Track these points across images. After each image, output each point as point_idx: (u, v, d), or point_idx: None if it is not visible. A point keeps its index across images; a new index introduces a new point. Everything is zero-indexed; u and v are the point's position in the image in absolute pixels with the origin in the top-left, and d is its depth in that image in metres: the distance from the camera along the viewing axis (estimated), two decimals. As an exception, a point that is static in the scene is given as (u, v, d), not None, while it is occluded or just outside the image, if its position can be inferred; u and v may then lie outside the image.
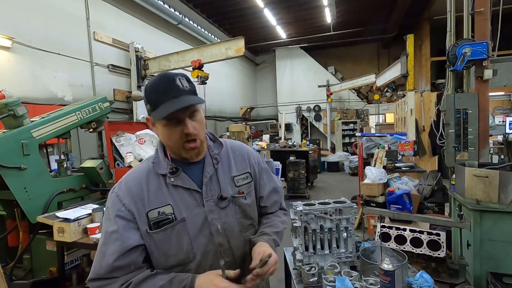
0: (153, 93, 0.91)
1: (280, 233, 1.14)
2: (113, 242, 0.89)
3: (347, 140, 11.84)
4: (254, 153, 1.20)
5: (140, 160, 2.89)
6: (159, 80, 0.92)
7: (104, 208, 1.01)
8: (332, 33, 10.42)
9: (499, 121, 6.43)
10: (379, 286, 1.36)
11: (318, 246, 1.71)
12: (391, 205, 3.30)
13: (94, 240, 2.04)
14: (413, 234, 2.38)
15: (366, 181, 3.97)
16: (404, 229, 2.43)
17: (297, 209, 1.67)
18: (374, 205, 3.80)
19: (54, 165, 3.31)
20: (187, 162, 1.01)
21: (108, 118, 3.36)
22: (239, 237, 1.03)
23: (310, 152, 7.83)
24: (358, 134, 8.43)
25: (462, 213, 2.12)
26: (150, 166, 0.99)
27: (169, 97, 0.88)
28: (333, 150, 12.21)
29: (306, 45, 12.67)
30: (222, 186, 1.02)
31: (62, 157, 2.96)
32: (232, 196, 1.03)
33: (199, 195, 0.98)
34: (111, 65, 5.83)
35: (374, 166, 4.43)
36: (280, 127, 11.85)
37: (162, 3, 6.81)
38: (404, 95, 7.64)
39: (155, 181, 0.97)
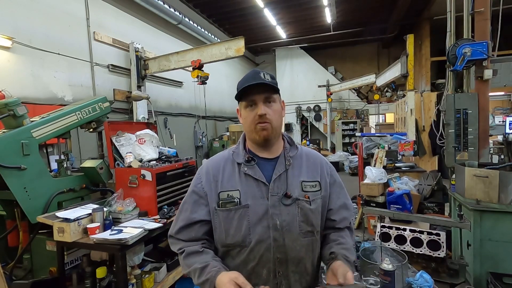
0: (241, 81, 1.07)
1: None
2: (184, 211, 1.12)
3: (347, 140, 11.85)
4: (328, 165, 1.20)
5: (140, 160, 2.89)
6: (248, 73, 1.08)
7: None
8: (332, 33, 10.41)
9: (499, 121, 6.43)
10: (379, 286, 1.36)
11: (318, 246, 1.71)
12: (391, 205, 3.30)
13: (94, 240, 2.04)
14: (413, 234, 2.38)
15: (366, 181, 3.97)
16: (404, 229, 2.43)
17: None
18: (374, 205, 3.80)
19: (54, 165, 3.30)
20: (262, 158, 1.10)
21: (108, 118, 3.35)
22: (296, 239, 1.04)
23: (310, 152, 7.83)
24: (358, 134, 8.44)
25: (462, 213, 2.13)
26: (230, 154, 1.14)
27: (250, 82, 1.01)
28: (333, 150, 12.21)
29: (306, 45, 12.66)
30: (289, 186, 1.06)
31: (62, 157, 2.95)
32: (297, 198, 1.05)
33: (266, 189, 1.04)
34: (111, 65, 5.83)
35: (374, 166, 4.43)
36: (280, 127, 11.83)
37: (162, 3, 6.80)
38: (404, 95, 7.64)
39: (231, 167, 1.10)
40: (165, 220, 2.43)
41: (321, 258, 1.14)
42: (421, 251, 2.29)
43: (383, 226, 2.49)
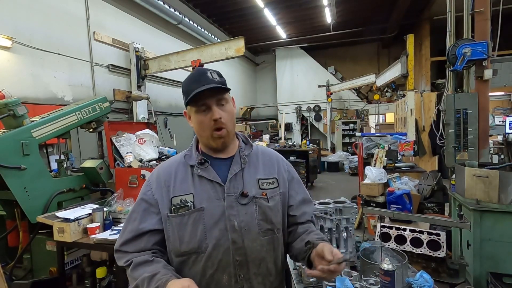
0: (187, 84, 1.01)
1: None
2: (132, 221, 1.02)
3: (347, 140, 11.85)
4: (284, 162, 1.19)
5: (140, 160, 2.89)
6: (193, 74, 1.03)
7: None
8: (332, 33, 10.42)
9: (499, 121, 6.43)
10: (379, 286, 1.36)
11: (318, 246, 1.71)
12: (391, 205, 3.30)
13: (94, 240, 2.04)
14: (413, 234, 2.37)
15: (366, 181, 3.97)
16: (404, 229, 2.42)
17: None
18: (374, 205, 3.80)
19: (54, 165, 3.31)
20: (217, 158, 1.06)
21: (108, 118, 3.35)
22: (255, 238, 1.01)
23: (310, 152, 7.83)
24: (358, 134, 8.43)
25: (462, 213, 2.12)
26: (182, 157, 1.09)
27: (199, 85, 0.97)
28: (333, 150, 12.21)
29: (306, 45, 12.66)
30: (246, 185, 1.03)
31: (62, 157, 2.96)
32: (254, 196, 1.03)
33: (221, 189, 1.01)
34: (111, 65, 5.83)
35: (374, 166, 4.43)
36: (280, 127, 11.84)
37: (162, 3, 6.80)
38: (404, 95, 7.63)
39: (184, 171, 1.05)
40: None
41: (295, 253, 1.09)
42: (421, 251, 2.28)
43: (383, 226, 2.49)
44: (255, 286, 1.01)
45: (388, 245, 2.30)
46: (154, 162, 2.90)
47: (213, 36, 9.43)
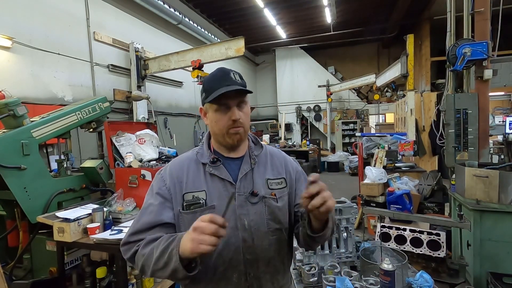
0: (210, 82, 1.02)
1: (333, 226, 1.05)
2: (148, 214, 1.02)
3: (347, 140, 11.85)
4: (292, 162, 1.21)
5: (140, 160, 2.89)
6: (216, 73, 1.03)
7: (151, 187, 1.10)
8: (332, 33, 10.41)
9: (499, 121, 6.43)
10: (379, 286, 1.36)
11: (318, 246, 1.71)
12: (391, 205, 3.30)
13: (94, 240, 2.04)
14: (413, 234, 2.37)
15: (366, 181, 3.98)
16: (404, 229, 2.42)
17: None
18: (374, 205, 3.81)
19: (54, 165, 3.30)
20: (227, 157, 1.08)
21: (108, 118, 3.35)
22: (264, 237, 1.03)
23: (310, 152, 7.85)
24: (358, 134, 8.43)
25: (462, 213, 2.13)
26: (194, 155, 1.10)
27: (223, 85, 0.98)
28: (333, 150, 12.22)
29: (306, 45, 12.67)
30: (256, 185, 1.05)
31: (62, 157, 2.95)
32: (263, 196, 1.05)
33: (232, 188, 1.03)
34: (111, 65, 5.83)
35: (374, 166, 4.43)
36: (280, 127, 11.86)
37: (162, 3, 6.81)
38: (404, 95, 7.64)
39: (196, 168, 1.07)
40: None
41: (301, 236, 1.06)
42: (421, 251, 2.28)
43: (383, 226, 2.49)
44: (264, 284, 1.03)
45: (388, 245, 2.30)
46: (154, 162, 2.89)
47: (213, 36, 9.43)
